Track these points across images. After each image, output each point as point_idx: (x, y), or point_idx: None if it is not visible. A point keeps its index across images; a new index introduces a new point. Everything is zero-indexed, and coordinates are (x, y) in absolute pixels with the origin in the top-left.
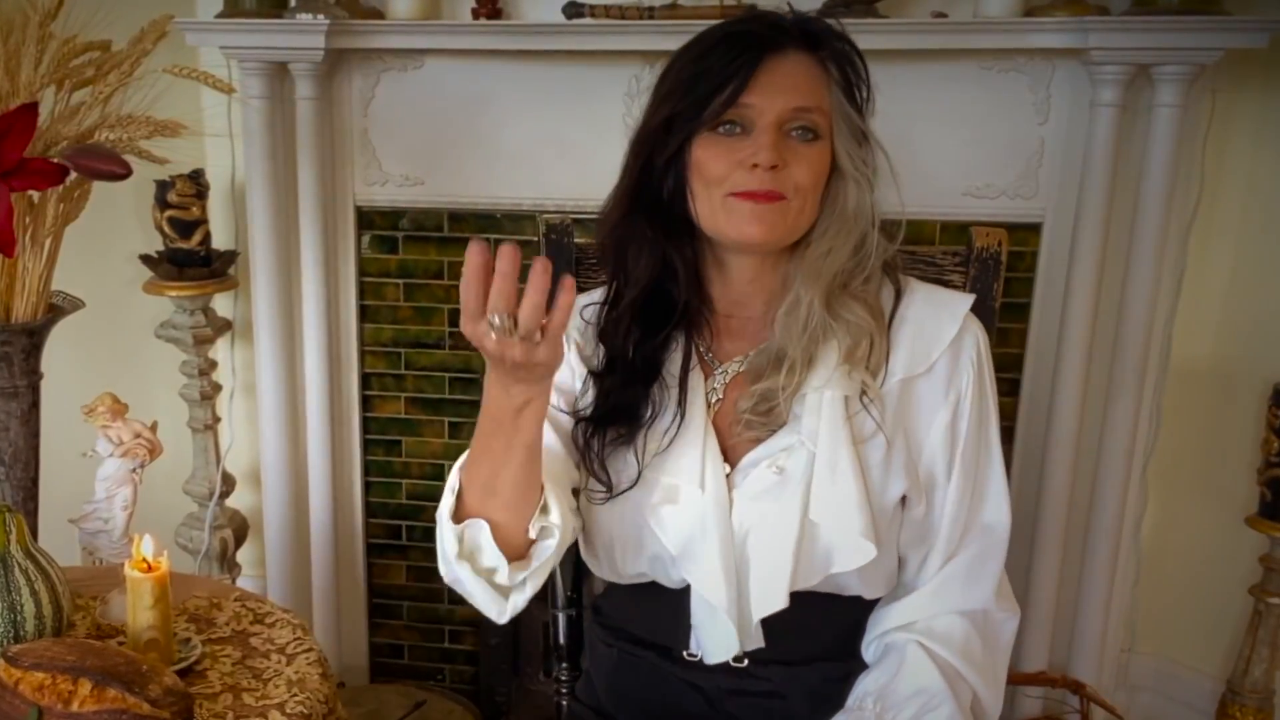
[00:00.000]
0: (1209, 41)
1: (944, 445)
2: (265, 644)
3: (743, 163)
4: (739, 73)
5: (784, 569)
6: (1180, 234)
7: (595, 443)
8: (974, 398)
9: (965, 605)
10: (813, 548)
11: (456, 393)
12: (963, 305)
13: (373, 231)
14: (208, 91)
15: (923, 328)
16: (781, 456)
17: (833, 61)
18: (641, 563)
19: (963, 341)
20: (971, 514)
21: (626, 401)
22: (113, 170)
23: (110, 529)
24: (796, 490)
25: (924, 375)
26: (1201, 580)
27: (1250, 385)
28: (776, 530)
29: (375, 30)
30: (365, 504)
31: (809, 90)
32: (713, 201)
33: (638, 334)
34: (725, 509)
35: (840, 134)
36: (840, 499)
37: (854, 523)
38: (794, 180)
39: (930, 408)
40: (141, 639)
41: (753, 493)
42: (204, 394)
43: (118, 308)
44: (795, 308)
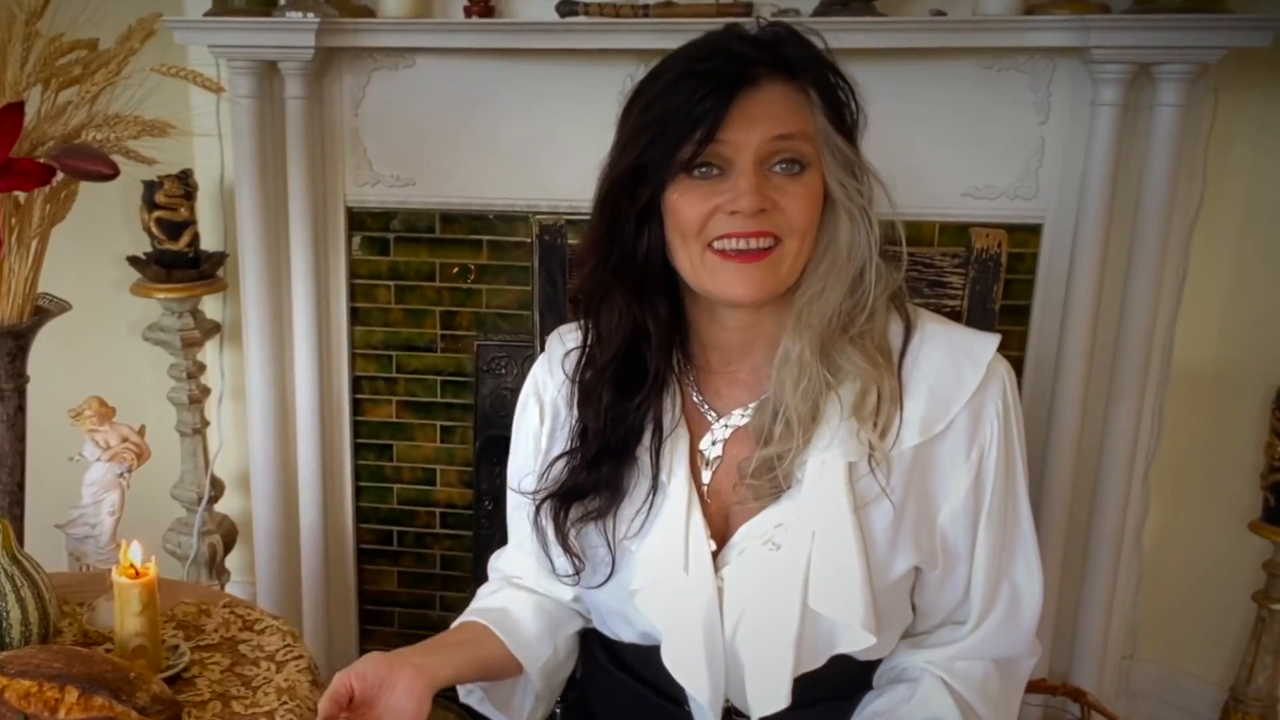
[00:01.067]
0: (1211, 40)
1: (966, 512)
2: (254, 651)
3: (722, 208)
4: (705, 118)
5: (785, 664)
6: (1182, 235)
7: (559, 521)
8: (1000, 454)
9: (994, 654)
10: (815, 633)
11: (448, 396)
12: (986, 350)
13: (363, 233)
14: (196, 91)
15: (940, 378)
16: (779, 533)
17: (814, 86)
18: (633, 635)
19: (986, 392)
20: (999, 575)
21: (599, 478)
22: (100, 170)
23: (97, 534)
24: (796, 571)
25: (942, 434)
26: (1204, 586)
27: (1253, 388)
28: (773, 619)
29: (366, 29)
30: (356, 509)
31: (788, 117)
32: (693, 257)
33: (608, 400)
34: (713, 594)
35: (829, 162)
36: (842, 584)
37: (855, 613)
38: (786, 220)
39: (949, 470)
40: (129, 646)
41: (746, 573)
42: (192, 397)
43: (105, 310)
44: (787, 359)
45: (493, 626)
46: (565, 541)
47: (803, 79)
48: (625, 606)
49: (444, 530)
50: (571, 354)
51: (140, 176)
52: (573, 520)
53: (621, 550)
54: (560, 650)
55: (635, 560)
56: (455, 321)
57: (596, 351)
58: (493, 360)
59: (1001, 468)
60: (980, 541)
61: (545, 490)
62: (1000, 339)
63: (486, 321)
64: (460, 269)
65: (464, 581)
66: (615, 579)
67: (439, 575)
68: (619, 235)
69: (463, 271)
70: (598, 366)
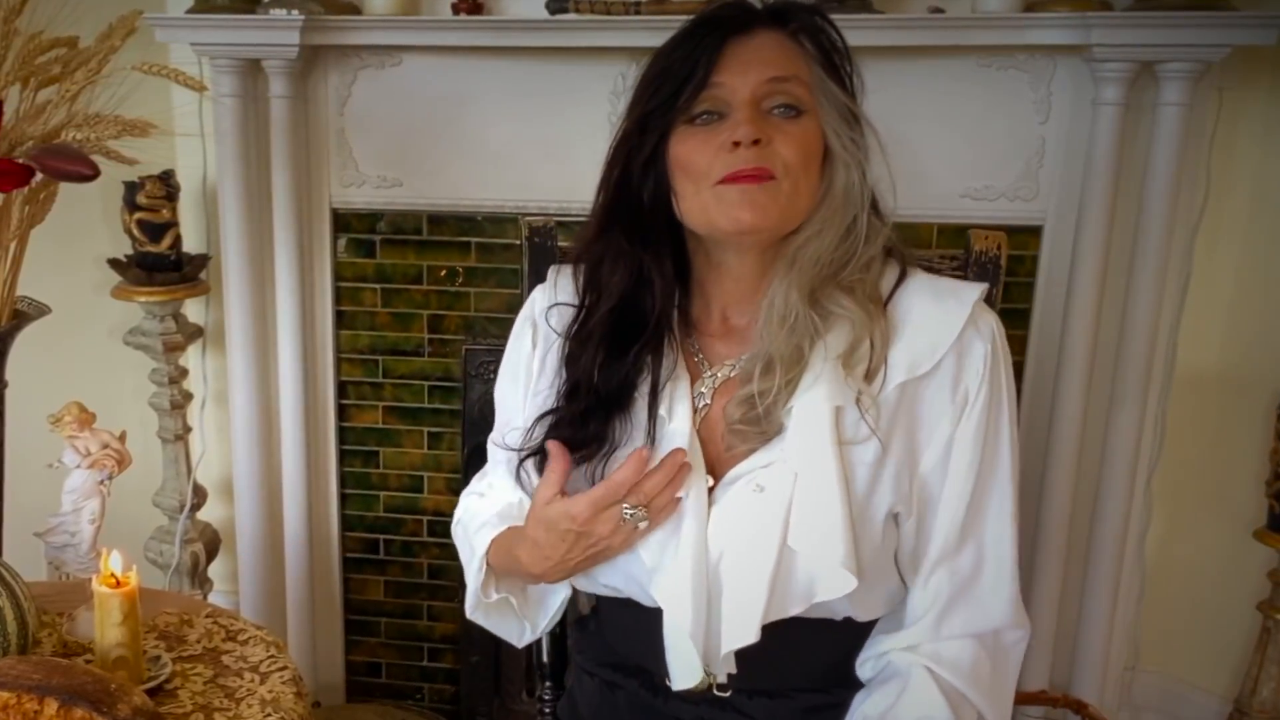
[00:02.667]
0: (1215, 38)
1: (943, 455)
2: (238, 662)
3: (724, 145)
4: (704, 55)
5: (757, 601)
6: (1185, 237)
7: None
8: (985, 400)
9: (975, 628)
10: (791, 576)
11: (436, 401)
12: (971, 294)
13: (349, 234)
14: (178, 90)
15: (926, 322)
16: (762, 474)
17: (806, 35)
18: (615, 576)
19: (971, 336)
20: (970, 527)
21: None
22: (80, 171)
23: (77, 543)
24: (778, 512)
25: (928, 376)
26: (1208, 596)
27: (1258, 394)
28: (753, 556)
29: (352, 26)
30: (341, 517)
31: (783, 61)
32: (701, 196)
33: (602, 356)
34: (703, 526)
35: (825, 110)
36: (822, 524)
37: (835, 552)
38: (780, 158)
39: (935, 413)
40: (110, 657)
41: (731, 512)
42: (174, 403)
43: (85, 313)
44: (773, 301)
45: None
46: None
47: (795, 29)
48: None
49: (431, 539)
50: (558, 308)
51: (121, 177)
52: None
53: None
54: None
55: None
56: (443, 325)
57: (595, 306)
58: (481, 365)
59: (983, 418)
60: (948, 493)
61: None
62: (987, 287)
63: (475, 325)
64: (448, 271)
65: (452, 591)
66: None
67: (426, 585)
68: (627, 186)
69: (450, 274)
70: (598, 316)
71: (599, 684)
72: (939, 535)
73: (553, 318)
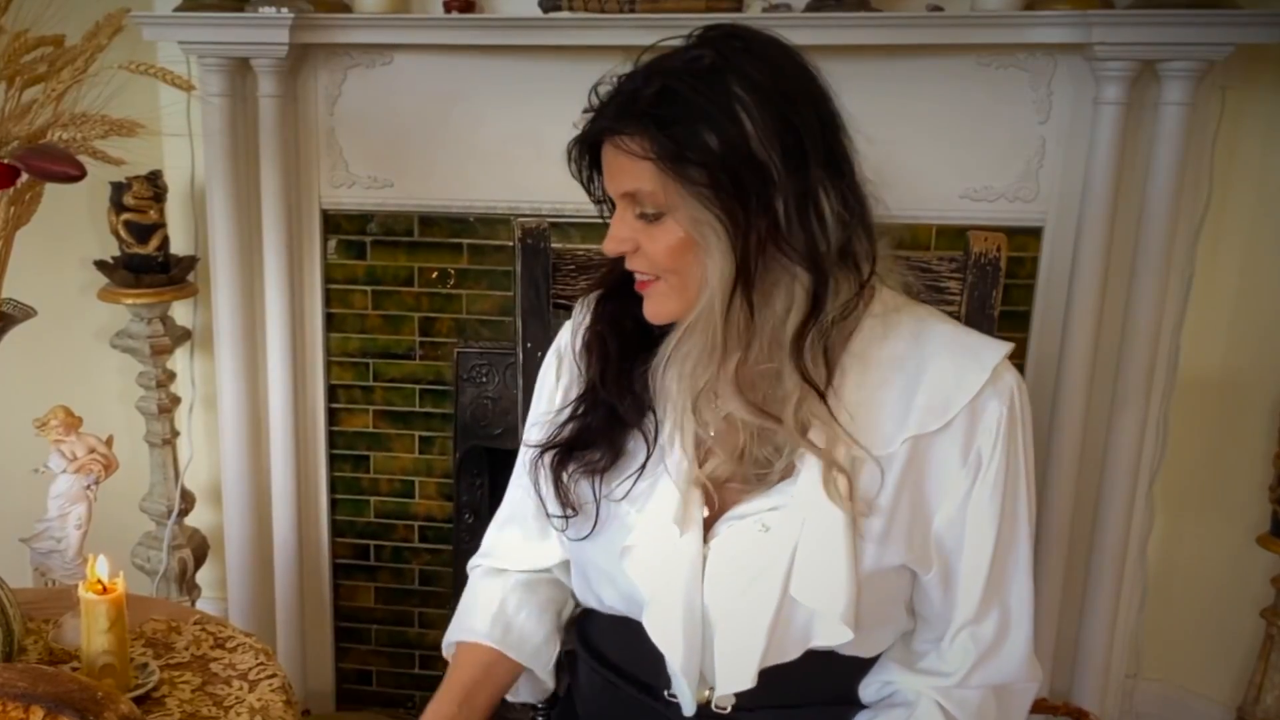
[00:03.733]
0: (1218, 36)
1: (961, 518)
2: (226, 670)
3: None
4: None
5: (755, 646)
6: (1188, 238)
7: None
8: (1001, 464)
9: (991, 682)
10: (790, 623)
11: (427, 405)
12: (992, 356)
13: (339, 236)
14: (166, 89)
15: (942, 378)
16: (770, 516)
17: (639, 138)
18: (616, 599)
19: (988, 396)
20: (992, 593)
21: (594, 434)
22: (66, 171)
23: (63, 549)
24: (782, 556)
25: (938, 433)
26: (1210, 602)
27: (1262, 398)
28: (753, 599)
29: (342, 24)
30: (331, 522)
31: (625, 176)
32: None
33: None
34: (698, 561)
35: (682, 205)
36: (826, 575)
37: (836, 604)
38: (650, 261)
39: (946, 471)
40: (96, 664)
41: (733, 549)
42: (162, 407)
43: (71, 316)
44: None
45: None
46: (559, 488)
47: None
48: (613, 566)
49: (423, 544)
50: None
51: (108, 178)
52: (570, 472)
53: (609, 508)
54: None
55: (628, 520)
56: (434, 328)
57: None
58: (473, 368)
59: (1000, 488)
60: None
61: (548, 440)
62: (1012, 347)
63: (467, 328)
64: (440, 273)
65: (444, 597)
66: (604, 535)
67: (418, 591)
68: None
69: (442, 276)
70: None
71: (601, 681)
72: (962, 603)
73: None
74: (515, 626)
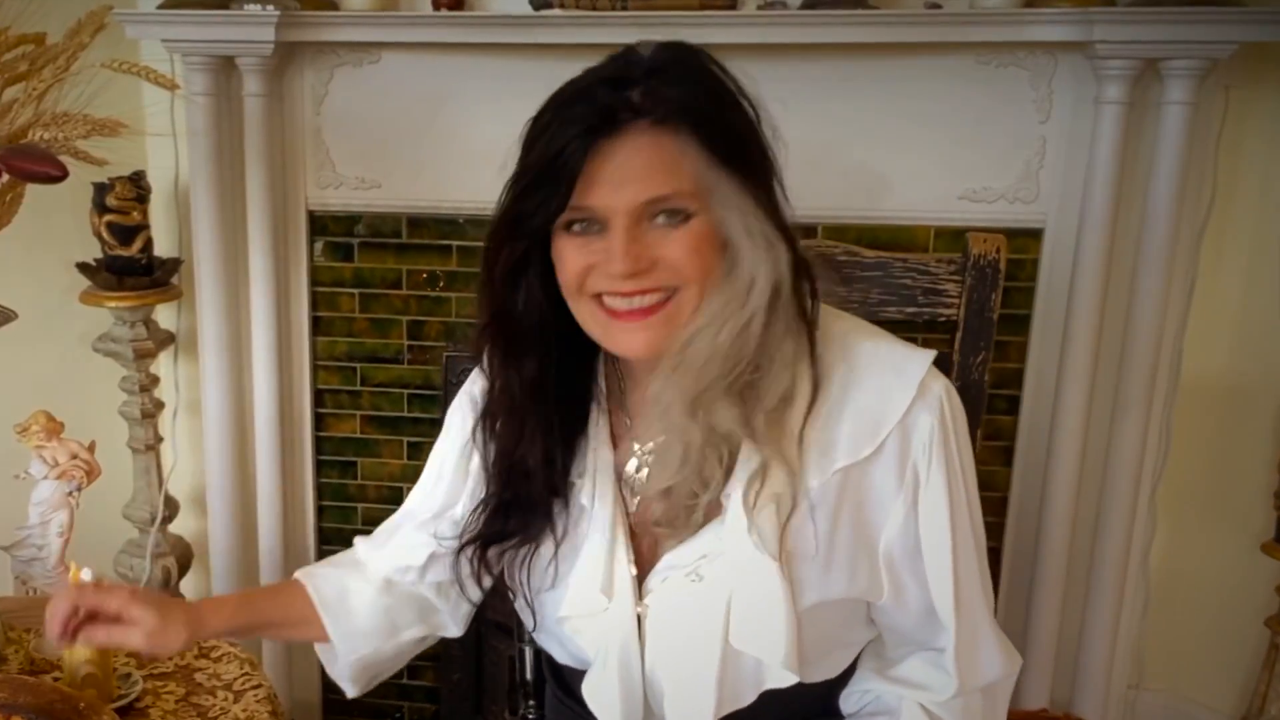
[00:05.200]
0: (1222, 34)
1: (906, 538)
2: (211, 680)
3: (598, 267)
4: (563, 172)
5: (706, 702)
6: (1191, 240)
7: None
8: (942, 476)
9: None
10: (738, 671)
11: (415, 410)
12: (917, 368)
13: (326, 238)
14: (149, 88)
15: (869, 400)
16: (702, 564)
17: (689, 129)
18: (568, 659)
19: (918, 410)
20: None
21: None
22: (47, 172)
23: (45, 556)
24: (718, 606)
25: (871, 458)
26: (1214, 611)
27: (1266, 402)
28: (694, 654)
29: (329, 22)
30: (318, 530)
31: (661, 175)
32: (582, 311)
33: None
34: (632, 623)
35: (719, 206)
36: (765, 622)
37: (776, 651)
38: (674, 271)
39: (883, 493)
40: (79, 674)
41: (668, 604)
42: (145, 412)
43: (52, 319)
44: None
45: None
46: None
47: (671, 122)
48: (557, 630)
49: None
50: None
51: (90, 178)
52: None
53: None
54: (384, 652)
55: (559, 591)
56: (423, 331)
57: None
58: (463, 372)
59: (944, 490)
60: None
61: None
62: (935, 354)
63: (456, 331)
64: (428, 276)
65: None
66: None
67: None
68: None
69: (431, 279)
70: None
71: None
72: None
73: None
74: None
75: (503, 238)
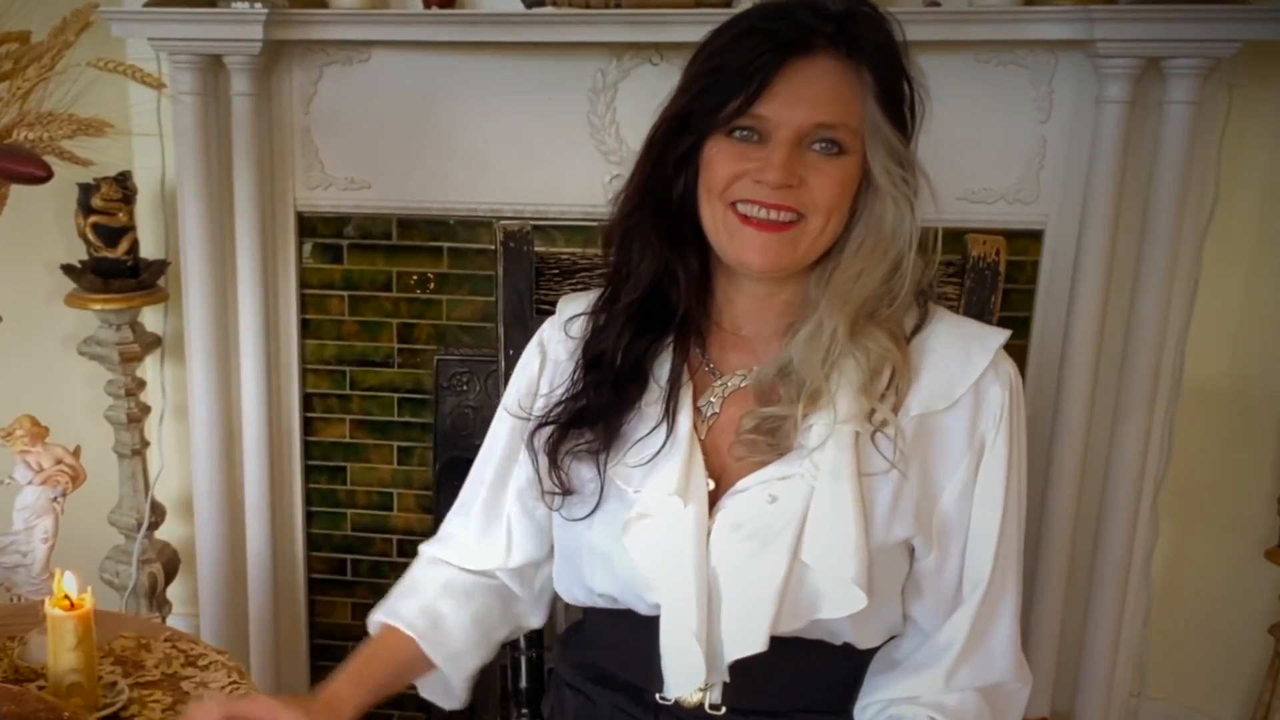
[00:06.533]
0: (1225, 32)
1: (960, 495)
2: (198, 689)
3: (751, 174)
4: (754, 78)
5: (765, 611)
6: (1194, 241)
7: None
8: (1004, 450)
9: (981, 682)
10: (799, 591)
11: (406, 415)
12: (995, 340)
13: (315, 239)
14: (135, 87)
15: (947, 360)
16: (778, 485)
17: (870, 69)
18: (611, 583)
19: (990, 380)
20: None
21: (601, 404)
22: (32, 172)
23: (29, 563)
24: (791, 524)
25: (945, 411)
26: (1217, 619)
27: (1270, 406)
28: (762, 564)
29: (318, 20)
30: (307, 536)
31: (835, 104)
32: (715, 213)
33: (629, 337)
34: (703, 531)
35: (874, 149)
36: (837, 540)
37: (848, 568)
38: (812, 198)
39: (952, 449)
40: (63, 683)
41: (739, 519)
42: (131, 416)
43: (37, 322)
44: (817, 334)
45: (420, 641)
46: (556, 469)
47: (859, 59)
48: (612, 545)
49: (401, 559)
50: (578, 319)
51: (75, 179)
52: (566, 450)
53: (612, 486)
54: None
55: (628, 497)
56: (413, 334)
57: (621, 288)
58: (454, 376)
59: (1003, 466)
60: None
61: (544, 418)
62: (1009, 334)
63: (447, 334)
64: (419, 278)
65: None
66: (604, 512)
67: None
68: (660, 177)
69: (422, 281)
70: (622, 304)
71: (581, 700)
72: (958, 584)
73: (572, 327)
74: (443, 626)
75: (673, 129)
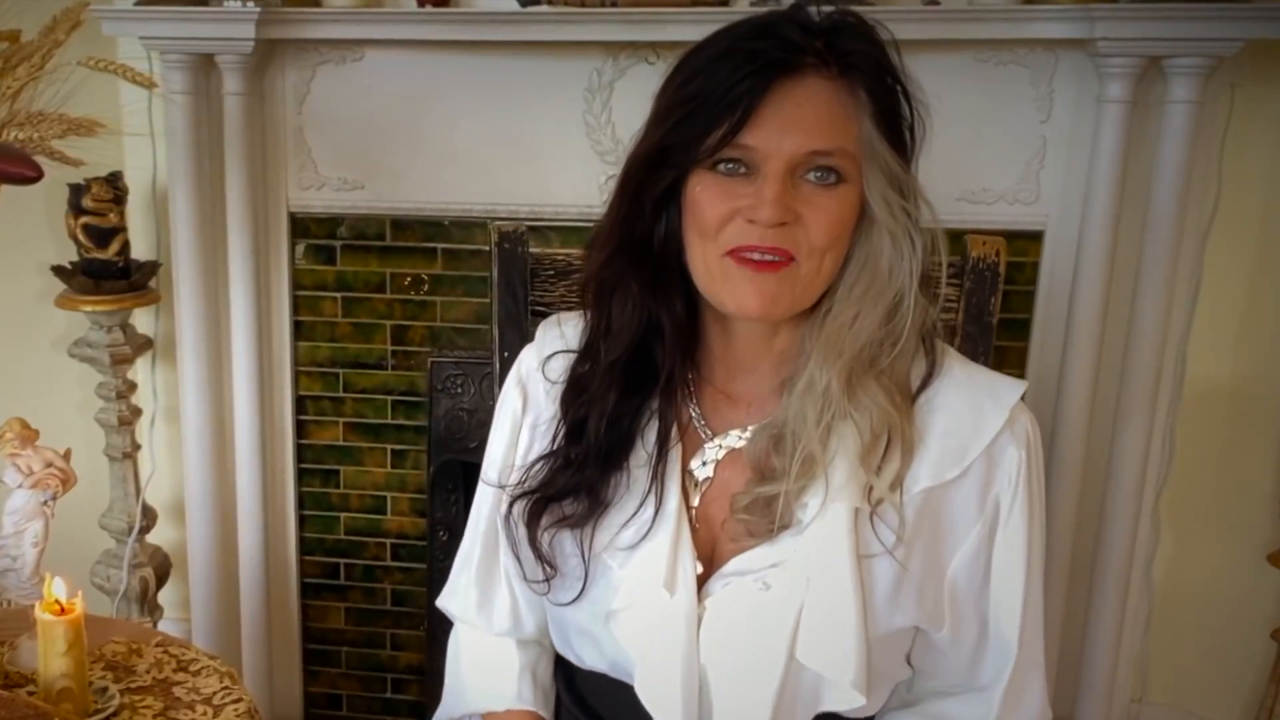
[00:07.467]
0: (1227, 31)
1: (977, 566)
2: (190, 694)
3: (742, 213)
4: (737, 104)
5: (762, 714)
6: (1195, 242)
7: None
8: (1023, 512)
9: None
10: (797, 688)
11: (400, 417)
12: (1009, 395)
13: (308, 240)
14: (127, 86)
15: (958, 422)
16: (771, 573)
17: (865, 87)
18: (600, 661)
19: (1005, 441)
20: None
21: (583, 481)
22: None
23: (19, 567)
24: (786, 619)
25: (955, 481)
26: (1219, 623)
27: (1272, 409)
28: (756, 664)
29: (310, 19)
30: (300, 540)
31: (829, 128)
32: (708, 259)
33: (613, 400)
34: (693, 622)
35: (872, 176)
36: (835, 639)
37: (845, 671)
38: (807, 237)
39: (961, 520)
40: (54, 688)
41: (731, 608)
42: (122, 419)
43: (27, 323)
44: (810, 389)
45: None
46: (536, 545)
47: (853, 76)
48: (598, 629)
49: (395, 563)
50: (557, 357)
51: (66, 179)
52: (545, 525)
53: (598, 566)
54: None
55: (614, 579)
56: (407, 336)
57: (602, 346)
58: (448, 378)
59: (1023, 531)
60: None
61: (521, 488)
62: (1026, 386)
63: (441, 336)
64: (413, 279)
65: (416, 618)
66: (589, 596)
67: (390, 611)
68: (638, 219)
69: (416, 282)
70: (604, 363)
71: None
72: (989, 658)
73: (550, 368)
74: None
75: (650, 165)
